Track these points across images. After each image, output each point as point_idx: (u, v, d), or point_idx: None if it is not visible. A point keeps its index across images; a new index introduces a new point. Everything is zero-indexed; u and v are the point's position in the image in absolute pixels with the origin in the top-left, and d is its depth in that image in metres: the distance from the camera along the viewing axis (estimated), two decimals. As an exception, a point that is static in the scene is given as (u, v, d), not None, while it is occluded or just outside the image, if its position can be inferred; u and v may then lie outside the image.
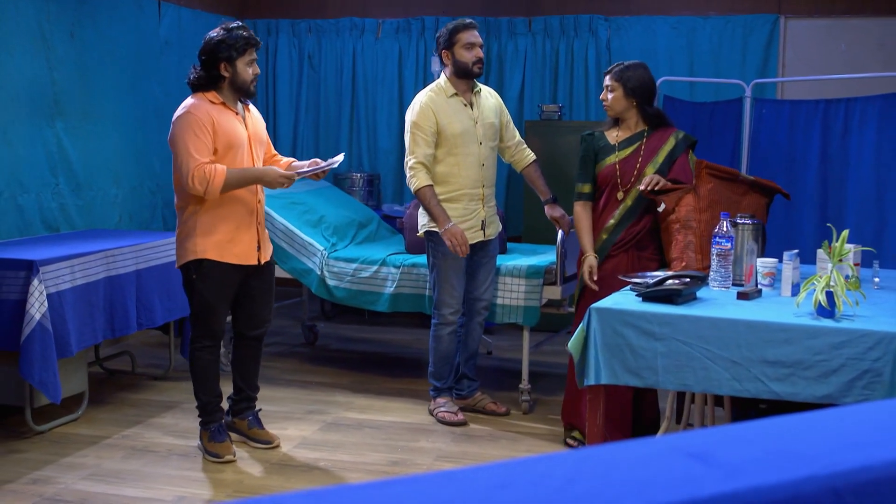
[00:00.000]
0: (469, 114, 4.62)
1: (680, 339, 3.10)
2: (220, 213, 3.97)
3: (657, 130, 4.17)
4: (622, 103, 4.12)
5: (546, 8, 7.16)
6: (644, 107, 4.12)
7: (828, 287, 3.03)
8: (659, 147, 4.14)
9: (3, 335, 4.20)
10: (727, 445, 1.16)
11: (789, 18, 6.72)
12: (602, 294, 4.14)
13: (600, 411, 3.29)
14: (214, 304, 4.04)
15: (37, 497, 3.67)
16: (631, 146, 4.16)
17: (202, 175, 3.80)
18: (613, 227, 4.15)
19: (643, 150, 4.13)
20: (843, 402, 2.92)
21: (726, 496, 1.00)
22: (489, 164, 4.66)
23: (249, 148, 4.04)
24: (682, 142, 4.16)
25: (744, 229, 3.71)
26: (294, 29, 7.63)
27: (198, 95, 3.99)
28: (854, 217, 5.33)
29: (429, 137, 4.53)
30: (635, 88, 4.09)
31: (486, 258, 4.75)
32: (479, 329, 4.82)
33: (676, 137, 4.16)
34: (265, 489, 3.78)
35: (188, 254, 4.00)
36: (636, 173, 4.10)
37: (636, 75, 4.12)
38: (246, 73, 3.99)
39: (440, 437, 4.47)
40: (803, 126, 5.56)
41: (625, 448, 1.14)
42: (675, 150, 4.14)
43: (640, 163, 4.12)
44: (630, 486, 1.03)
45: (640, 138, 4.16)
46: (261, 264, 4.16)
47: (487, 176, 4.67)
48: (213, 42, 3.96)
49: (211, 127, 3.88)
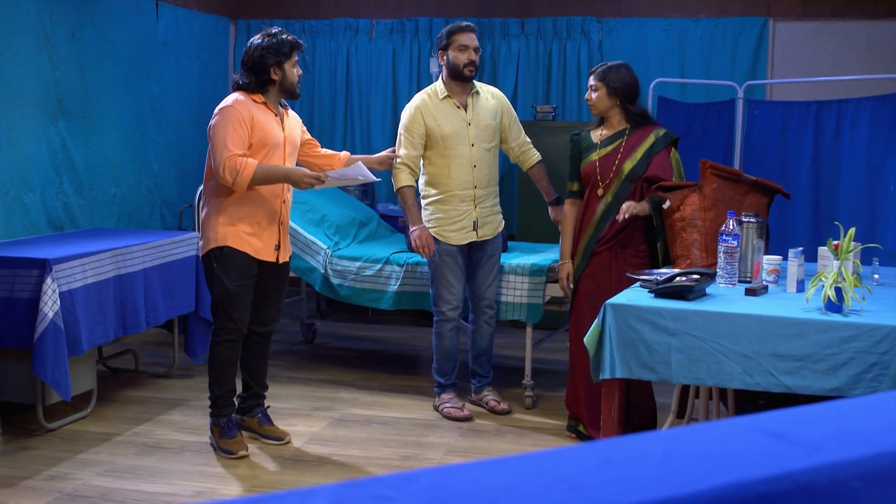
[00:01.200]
0: (462, 116, 4.70)
1: (693, 334, 3.20)
2: (244, 207, 4.07)
3: (639, 128, 4.30)
4: (605, 102, 4.26)
5: (539, 10, 7.26)
6: (627, 105, 4.26)
7: (836, 283, 3.14)
8: (638, 144, 4.26)
9: (16, 333, 4.24)
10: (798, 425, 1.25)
11: (778, 21, 6.85)
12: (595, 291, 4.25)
13: (615, 405, 3.38)
14: (234, 293, 4.11)
15: (56, 493, 3.71)
16: (612, 144, 4.29)
17: (233, 166, 3.91)
18: (596, 223, 4.29)
19: (623, 147, 4.26)
20: (851, 394, 3.03)
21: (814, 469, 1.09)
22: (482, 166, 4.73)
23: (283, 149, 4.14)
24: (662, 139, 4.27)
25: (749, 227, 3.82)
26: (288, 29, 7.65)
27: (243, 93, 4.09)
28: (846, 216, 5.46)
29: (415, 140, 4.66)
30: (618, 88, 4.23)
31: (485, 258, 4.83)
32: (487, 328, 4.89)
33: (656, 135, 4.28)
34: (282, 484, 3.84)
35: (210, 242, 4.10)
36: (615, 169, 4.24)
37: (619, 75, 4.26)
38: (293, 75, 4.14)
39: (447, 432, 4.55)
40: (796, 127, 5.69)
41: (707, 428, 1.23)
42: (653, 146, 4.25)
43: (618, 159, 4.24)
44: (724, 460, 1.11)
45: (622, 136, 4.29)
46: (278, 263, 4.24)
47: (480, 177, 4.74)
48: (260, 48, 4.06)
49: (249, 123, 4.00)
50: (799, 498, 1.08)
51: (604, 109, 4.30)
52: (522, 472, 1.06)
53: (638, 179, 4.20)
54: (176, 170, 6.90)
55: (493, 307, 4.89)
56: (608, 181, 4.25)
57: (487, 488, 1.03)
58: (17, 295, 4.25)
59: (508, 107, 4.88)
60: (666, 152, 4.26)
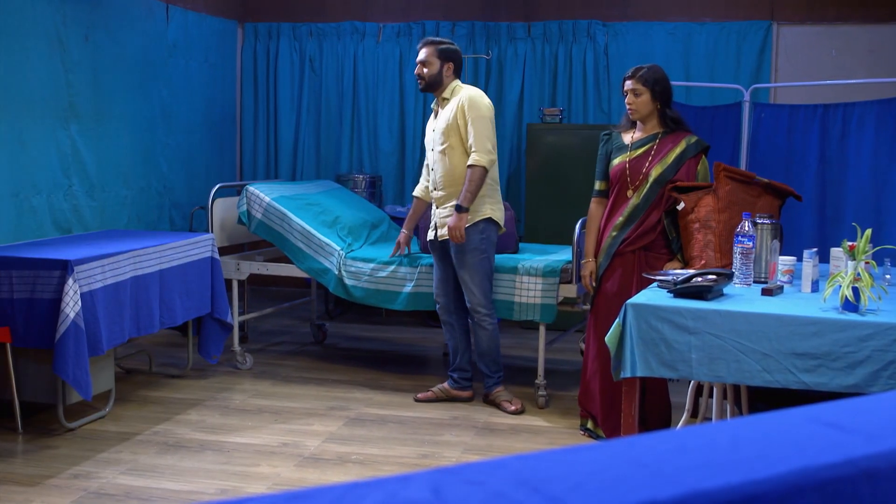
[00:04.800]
0: (431, 122, 5.00)
1: (713, 333, 3.26)
2: None
3: (671, 134, 4.33)
4: (648, 106, 4.28)
5: (545, 13, 7.32)
6: (665, 110, 4.29)
7: (853, 283, 3.21)
8: (669, 149, 4.30)
9: (37, 333, 4.29)
10: (853, 416, 1.31)
11: (782, 25, 6.93)
12: (616, 291, 4.32)
13: (635, 403, 3.44)
14: None
15: (82, 491, 3.76)
16: (643, 146, 4.32)
17: None
18: (622, 224, 4.32)
19: (654, 151, 4.30)
20: (869, 391, 3.09)
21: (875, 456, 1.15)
22: (437, 168, 4.89)
23: None
24: (693, 146, 4.32)
25: (763, 228, 3.89)
26: (295, 32, 7.74)
27: None
28: (852, 218, 5.52)
29: None
30: (661, 92, 4.26)
31: (439, 260, 5.02)
32: (480, 330, 4.92)
33: (688, 142, 4.32)
34: (304, 482, 3.89)
35: None
36: (645, 172, 4.27)
37: (660, 79, 4.30)
38: None
39: (463, 430, 4.61)
40: (802, 130, 5.75)
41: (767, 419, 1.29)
42: (684, 153, 4.30)
43: (649, 163, 4.28)
44: (788, 448, 1.17)
45: (654, 140, 4.33)
46: None
47: (436, 179, 4.91)
48: None
49: None
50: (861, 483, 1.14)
51: (646, 114, 4.32)
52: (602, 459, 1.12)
53: (666, 184, 4.24)
54: (185, 172, 6.95)
55: (480, 310, 4.88)
56: (637, 183, 4.30)
57: (571, 473, 1.09)
58: (38, 295, 4.30)
59: (465, 106, 4.77)
60: (695, 160, 4.30)
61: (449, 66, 4.86)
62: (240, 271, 5.75)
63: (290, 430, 4.57)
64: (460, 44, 7.37)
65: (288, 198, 5.69)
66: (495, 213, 4.86)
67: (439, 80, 4.86)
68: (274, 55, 7.78)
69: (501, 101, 7.34)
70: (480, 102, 4.78)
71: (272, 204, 5.58)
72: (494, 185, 4.90)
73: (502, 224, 4.93)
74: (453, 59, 4.88)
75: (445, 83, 4.88)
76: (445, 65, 4.85)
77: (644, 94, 4.26)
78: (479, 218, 4.80)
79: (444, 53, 4.86)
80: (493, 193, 4.88)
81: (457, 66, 4.91)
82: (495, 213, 4.86)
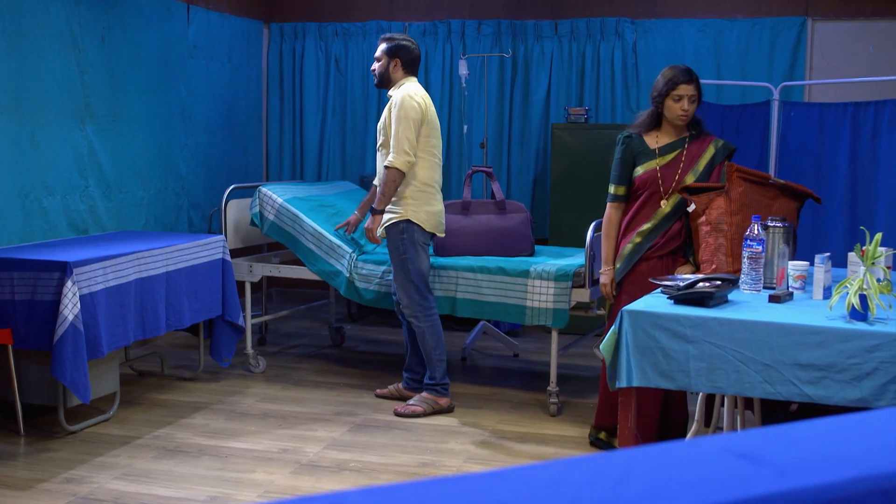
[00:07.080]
0: None
1: (712, 342, 3.10)
2: None
3: (697, 138, 4.17)
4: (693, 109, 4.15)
5: (572, 11, 7.16)
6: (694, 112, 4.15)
7: (861, 290, 3.03)
8: (699, 155, 4.14)
9: (38, 335, 4.26)
10: (774, 446, 1.17)
11: (816, 21, 6.69)
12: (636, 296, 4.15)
13: (632, 414, 3.29)
14: None
15: (71, 496, 3.71)
16: (672, 152, 4.15)
17: None
18: (649, 231, 4.15)
19: (684, 158, 4.13)
20: (876, 405, 2.91)
21: (779, 495, 1.01)
22: (379, 165, 4.86)
23: None
24: (721, 151, 4.16)
25: (775, 232, 3.71)
26: (321, 32, 7.67)
27: None
28: (884, 219, 5.31)
29: None
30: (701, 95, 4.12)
31: None
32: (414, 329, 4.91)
33: (716, 146, 4.16)
34: (297, 490, 3.80)
35: None
36: (677, 179, 4.11)
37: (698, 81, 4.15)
38: None
39: (469, 438, 4.49)
40: (832, 128, 5.54)
41: (674, 448, 1.15)
42: (714, 158, 4.15)
43: (680, 170, 4.11)
44: (683, 484, 1.03)
45: (681, 145, 4.15)
46: None
47: (379, 176, 4.86)
48: None
49: None
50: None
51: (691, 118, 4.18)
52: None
53: None
54: (205, 173, 6.91)
55: (405, 310, 4.88)
56: (670, 192, 4.14)
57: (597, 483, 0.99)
58: (38, 297, 4.27)
59: (393, 104, 4.74)
60: (721, 165, 4.15)
61: (395, 63, 4.83)
62: (252, 273, 5.68)
63: (292, 436, 4.49)
64: (486, 42, 7.26)
65: (301, 199, 5.61)
66: (417, 216, 4.73)
67: (387, 76, 4.85)
68: (300, 55, 7.72)
69: (528, 101, 7.19)
70: (408, 102, 4.67)
71: (284, 205, 5.51)
72: (423, 188, 4.75)
73: (427, 227, 4.78)
74: (400, 56, 4.83)
75: (394, 80, 4.85)
76: (392, 61, 4.83)
77: (697, 100, 4.11)
78: (397, 219, 4.73)
79: (390, 50, 4.84)
80: (420, 196, 4.73)
81: (405, 62, 4.84)
82: (417, 216, 4.73)
